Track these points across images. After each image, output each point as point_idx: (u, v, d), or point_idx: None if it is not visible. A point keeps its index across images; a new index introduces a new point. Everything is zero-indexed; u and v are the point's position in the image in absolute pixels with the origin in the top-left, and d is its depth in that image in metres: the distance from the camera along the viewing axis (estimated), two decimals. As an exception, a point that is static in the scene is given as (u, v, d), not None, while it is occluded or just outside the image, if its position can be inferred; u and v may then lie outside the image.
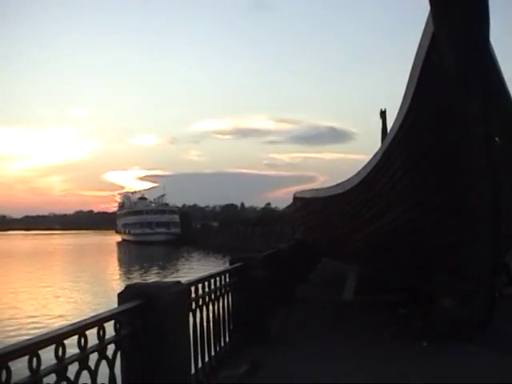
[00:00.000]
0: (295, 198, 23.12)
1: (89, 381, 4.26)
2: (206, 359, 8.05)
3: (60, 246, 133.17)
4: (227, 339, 9.51)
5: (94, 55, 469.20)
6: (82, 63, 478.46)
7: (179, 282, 6.08)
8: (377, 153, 11.85)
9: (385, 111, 24.42)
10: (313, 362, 9.75)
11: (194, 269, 57.83)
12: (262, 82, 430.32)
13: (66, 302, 35.77)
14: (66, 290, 41.70)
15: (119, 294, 5.34)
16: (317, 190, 19.19)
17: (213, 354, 8.49)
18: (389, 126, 13.30)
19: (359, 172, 12.82)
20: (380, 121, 24.30)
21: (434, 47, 8.80)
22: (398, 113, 10.29)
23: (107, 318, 4.57)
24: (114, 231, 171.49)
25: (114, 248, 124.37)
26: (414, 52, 9.45)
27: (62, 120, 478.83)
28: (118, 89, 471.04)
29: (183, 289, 6.14)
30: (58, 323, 26.45)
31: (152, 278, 47.66)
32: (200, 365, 7.69)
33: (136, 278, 48.93)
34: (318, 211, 18.63)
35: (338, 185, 14.69)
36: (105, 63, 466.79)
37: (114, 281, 51.05)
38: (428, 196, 10.58)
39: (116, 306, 5.13)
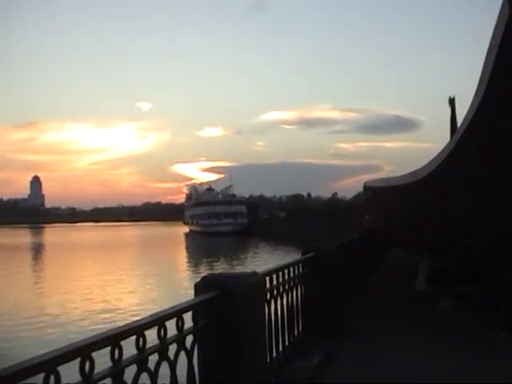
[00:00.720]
0: (366, 188, 22.83)
1: (168, 371, 4.23)
2: (280, 349, 7.99)
3: (129, 237, 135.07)
4: (300, 330, 9.43)
5: (159, 50, 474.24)
6: (148, 58, 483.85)
7: (255, 273, 6.00)
8: (451, 140, 11.56)
9: (453, 99, 23.91)
10: (386, 353, 9.59)
11: (261, 259, 57.79)
12: (327, 71, 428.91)
13: (138, 293, 36.03)
14: (136, 282, 42.08)
15: (196, 285, 5.29)
16: (388, 179, 18.89)
17: (286, 344, 8.42)
18: (458, 114, 12.98)
19: (432, 160, 12.53)
20: (448, 109, 23.79)
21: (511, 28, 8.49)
22: (474, 98, 9.96)
23: (186, 309, 4.53)
24: (181, 222, 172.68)
25: (182, 239, 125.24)
26: (483, 36, 9.13)
27: (129, 113, 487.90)
28: (185, 82, 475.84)
29: (259, 279, 6.06)
30: (132, 314, 26.87)
31: (220, 268, 47.75)
32: (274, 355, 7.63)
33: (205, 269, 49.05)
34: (389, 200, 18.36)
35: (410, 174, 14.41)
36: (171, 57, 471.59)
37: (184, 271, 51.37)
38: (506, 183, 10.27)
39: (187, 296, 5.08)
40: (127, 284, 41.18)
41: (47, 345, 18.68)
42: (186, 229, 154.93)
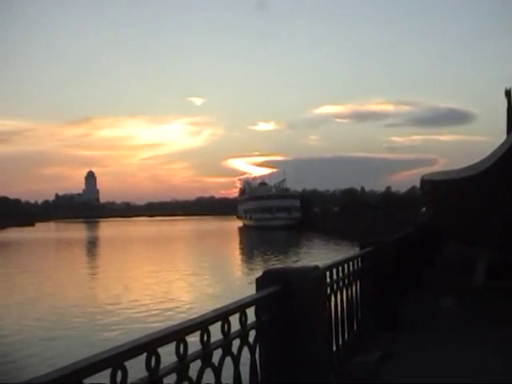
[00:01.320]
0: (423, 181, 22.53)
1: (231, 367, 4.20)
2: (340, 344, 7.91)
3: (183, 231, 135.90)
4: (358, 325, 9.34)
5: (211, 45, 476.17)
6: (201, 54, 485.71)
7: (317, 267, 5.92)
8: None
9: (510, 90, 23.42)
10: (445, 349, 9.41)
11: (314, 254, 57.71)
12: (379, 64, 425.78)
13: (195, 288, 36.16)
14: (192, 276, 42.25)
15: (257, 279, 5.23)
16: (447, 172, 18.63)
17: (345, 339, 8.34)
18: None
19: (493, 153, 12.30)
20: (504, 101, 23.29)
21: None
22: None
23: (249, 304, 4.48)
24: (234, 216, 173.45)
25: (236, 233, 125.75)
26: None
27: (182, 109, 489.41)
28: (237, 76, 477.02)
29: (321, 273, 5.99)
30: (191, 309, 27.06)
31: (275, 263, 47.72)
32: (334, 350, 7.57)
33: (260, 263, 49.18)
34: (448, 194, 18.07)
35: (469, 167, 14.17)
36: (223, 52, 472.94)
37: (239, 266, 51.67)
38: None
39: (244, 291, 5.04)
40: (184, 279, 41.46)
41: (111, 341, 18.99)
42: (240, 223, 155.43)
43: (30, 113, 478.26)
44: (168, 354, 3.54)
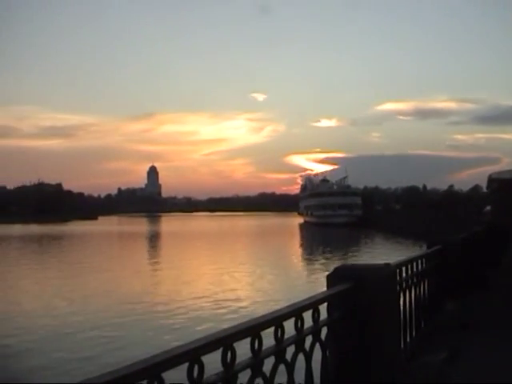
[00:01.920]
0: (491, 179, 22.14)
1: (303, 364, 4.15)
2: (408, 342, 7.82)
3: (244, 227, 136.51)
4: (424, 323, 9.22)
5: (274, 41, 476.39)
6: (263, 50, 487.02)
7: (389, 264, 5.85)
8: None
9: None
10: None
11: (376, 252, 57.30)
12: (442, 61, 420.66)
13: (259, 283, 36.15)
14: (256, 272, 42.28)
15: (328, 276, 5.19)
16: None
17: (413, 337, 8.24)
18: None
19: None
20: None
21: None
22: None
23: (321, 300, 4.44)
24: (295, 213, 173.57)
25: (297, 230, 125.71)
26: None
27: (244, 105, 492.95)
28: (300, 73, 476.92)
29: (392, 271, 5.92)
30: (257, 305, 27.14)
31: (338, 260, 47.48)
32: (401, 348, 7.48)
33: (322, 261, 49.03)
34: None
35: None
36: (286, 48, 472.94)
37: (302, 263, 51.59)
38: None
39: (310, 288, 5.00)
40: (247, 274, 41.55)
41: (185, 335, 19.22)
42: (301, 219, 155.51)
43: (95, 108, 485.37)
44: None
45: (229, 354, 3.17)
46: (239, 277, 39.96)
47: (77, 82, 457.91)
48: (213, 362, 3.22)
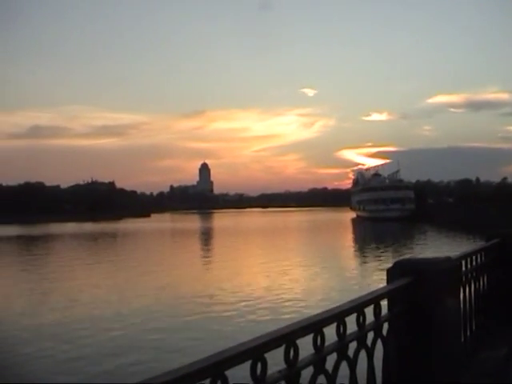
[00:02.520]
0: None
1: (364, 360, 4.08)
2: (468, 338, 7.68)
3: (296, 222, 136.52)
4: (483, 318, 9.04)
5: (323, 36, 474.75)
6: (312, 45, 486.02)
7: (449, 258, 5.73)
8: None
9: None
10: None
11: (430, 246, 56.73)
12: (494, 52, 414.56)
13: (315, 280, 36.05)
14: (311, 268, 42.20)
15: (388, 270, 5.11)
16: None
17: (473, 331, 8.09)
18: None
19: None
20: None
21: None
22: None
23: (383, 295, 4.36)
24: (347, 208, 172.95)
25: (349, 224, 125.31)
26: None
27: (294, 100, 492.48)
28: (349, 67, 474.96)
29: (454, 265, 5.79)
30: (315, 301, 27.10)
31: (392, 254, 47.13)
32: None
33: (377, 256, 48.70)
34: None
35: None
36: (335, 43, 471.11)
37: (356, 258, 51.32)
38: None
39: (368, 283, 4.91)
40: (302, 269, 41.51)
41: (248, 331, 19.30)
42: (353, 214, 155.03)
43: (146, 107, 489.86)
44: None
45: (291, 351, 3.12)
46: (296, 273, 39.92)
47: (128, 81, 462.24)
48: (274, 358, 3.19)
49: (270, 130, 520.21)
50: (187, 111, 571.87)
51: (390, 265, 5.22)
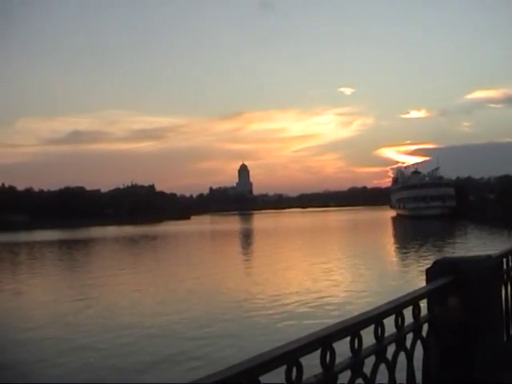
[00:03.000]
0: None
1: (404, 362, 4.00)
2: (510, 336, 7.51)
3: (336, 222, 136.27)
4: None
5: (360, 33, 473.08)
6: (349, 43, 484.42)
7: (490, 256, 5.61)
8: None
9: None
10: None
11: (471, 244, 56.12)
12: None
13: (357, 280, 35.87)
14: (352, 268, 42.09)
15: (428, 270, 5.01)
16: None
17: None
18: None
19: None
20: None
21: None
22: None
23: (422, 296, 4.27)
24: (387, 206, 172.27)
25: (389, 223, 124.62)
26: None
27: (332, 100, 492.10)
28: (386, 64, 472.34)
29: (494, 263, 5.68)
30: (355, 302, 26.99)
31: (432, 253, 46.66)
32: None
33: (417, 254, 48.29)
34: None
35: None
36: (371, 41, 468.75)
37: (397, 256, 50.97)
38: None
39: (409, 282, 4.81)
40: (345, 270, 41.39)
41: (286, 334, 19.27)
42: (393, 213, 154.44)
43: (184, 109, 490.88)
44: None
45: (328, 355, 3.04)
46: (337, 273, 39.84)
47: (166, 85, 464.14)
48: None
49: (308, 129, 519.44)
50: (225, 113, 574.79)
51: (430, 264, 5.13)
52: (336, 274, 39.06)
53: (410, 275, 34.11)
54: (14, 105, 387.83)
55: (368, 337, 3.52)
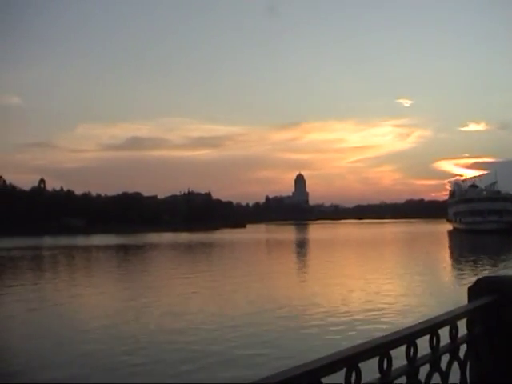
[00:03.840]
0: None
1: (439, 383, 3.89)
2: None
3: (392, 234, 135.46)
4: None
5: (419, 44, 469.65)
6: (406, 54, 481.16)
7: (534, 275, 5.44)
8: None
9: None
10: None
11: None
12: None
13: (405, 294, 35.45)
14: (402, 282, 41.64)
15: (470, 288, 4.86)
16: None
17: None
18: None
19: None
20: None
21: None
22: None
23: (460, 316, 4.13)
24: (444, 220, 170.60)
25: (445, 237, 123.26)
26: None
27: (390, 111, 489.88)
28: (445, 77, 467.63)
29: (541, 283, 5.50)
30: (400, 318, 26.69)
31: (486, 270, 45.88)
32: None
33: (471, 270, 47.46)
34: None
35: None
36: (432, 51, 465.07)
37: (450, 273, 50.13)
38: None
39: (456, 301, 4.69)
40: (396, 284, 40.99)
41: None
42: (449, 226, 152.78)
43: (242, 118, 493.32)
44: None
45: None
46: (389, 286, 39.48)
47: (223, 93, 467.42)
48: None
49: (365, 140, 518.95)
50: (283, 123, 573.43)
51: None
52: (388, 287, 38.83)
53: (459, 292, 33.46)
54: (76, 110, 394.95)
55: (400, 357, 3.43)
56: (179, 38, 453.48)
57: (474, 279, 5.06)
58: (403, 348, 3.40)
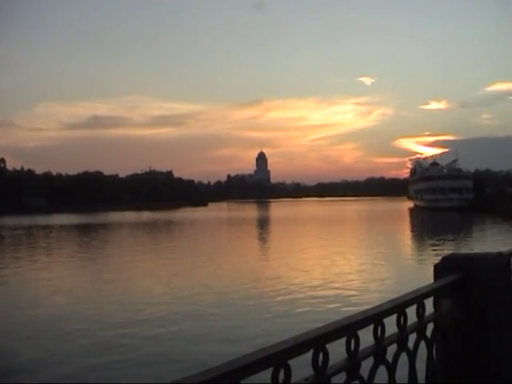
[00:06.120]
0: None
1: (406, 363, 3.80)
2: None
3: (353, 211, 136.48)
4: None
5: (380, 24, 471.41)
6: (368, 33, 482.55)
7: (501, 254, 5.39)
8: None
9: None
10: None
11: (490, 237, 55.76)
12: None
13: (367, 272, 35.44)
14: (364, 260, 41.69)
15: (436, 266, 4.79)
16: None
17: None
18: None
19: None
20: None
21: None
22: None
23: (427, 294, 4.05)
24: (405, 197, 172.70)
25: (407, 214, 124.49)
26: None
27: (351, 89, 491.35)
28: (407, 55, 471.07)
29: (506, 261, 5.46)
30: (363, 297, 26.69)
31: (449, 247, 46.21)
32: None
33: (433, 248, 47.74)
34: None
35: None
36: (392, 31, 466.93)
37: (412, 251, 50.41)
38: None
39: (420, 279, 4.61)
40: (359, 261, 41.04)
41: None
42: (410, 204, 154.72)
43: (203, 96, 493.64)
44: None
45: (320, 356, 2.83)
46: (352, 264, 39.51)
47: (185, 71, 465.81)
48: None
49: (327, 118, 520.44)
50: (244, 101, 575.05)
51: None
52: (351, 265, 38.86)
53: (422, 271, 33.68)
54: (36, 89, 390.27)
55: (366, 337, 3.34)
56: (141, 17, 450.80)
57: (438, 257, 4.99)
58: (371, 328, 3.34)
